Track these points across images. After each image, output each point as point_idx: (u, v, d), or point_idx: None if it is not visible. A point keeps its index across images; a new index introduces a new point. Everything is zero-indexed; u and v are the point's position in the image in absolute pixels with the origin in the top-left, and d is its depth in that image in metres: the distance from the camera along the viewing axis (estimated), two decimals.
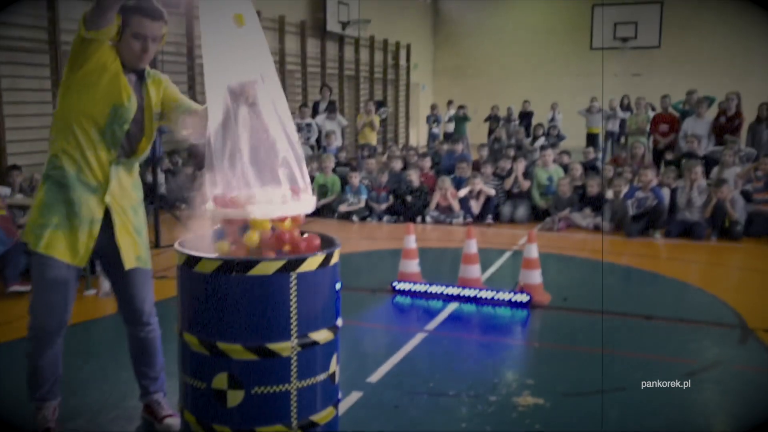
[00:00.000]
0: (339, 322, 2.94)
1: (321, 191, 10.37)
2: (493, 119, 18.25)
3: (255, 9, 2.83)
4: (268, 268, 2.66)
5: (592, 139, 16.98)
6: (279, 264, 2.67)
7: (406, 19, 22.54)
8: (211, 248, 2.88)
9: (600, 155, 12.52)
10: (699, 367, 4.43)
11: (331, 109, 13.62)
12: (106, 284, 6.02)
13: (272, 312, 2.69)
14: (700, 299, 6.16)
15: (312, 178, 10.52)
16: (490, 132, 17.75)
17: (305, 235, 3.06)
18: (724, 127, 11.46)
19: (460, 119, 17.94)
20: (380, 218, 9.97)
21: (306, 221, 3.09)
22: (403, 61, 22.07)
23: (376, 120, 14.27)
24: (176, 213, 9.00)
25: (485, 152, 12.03)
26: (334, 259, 2.86)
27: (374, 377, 4.22)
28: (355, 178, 10.14)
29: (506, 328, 5.38)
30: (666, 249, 8.21)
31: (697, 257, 7.82)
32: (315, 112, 13.95)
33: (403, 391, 4.01)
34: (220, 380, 2.71)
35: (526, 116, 18.18)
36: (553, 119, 17.54)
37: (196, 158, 11.89)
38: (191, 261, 2.74)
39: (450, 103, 19.08)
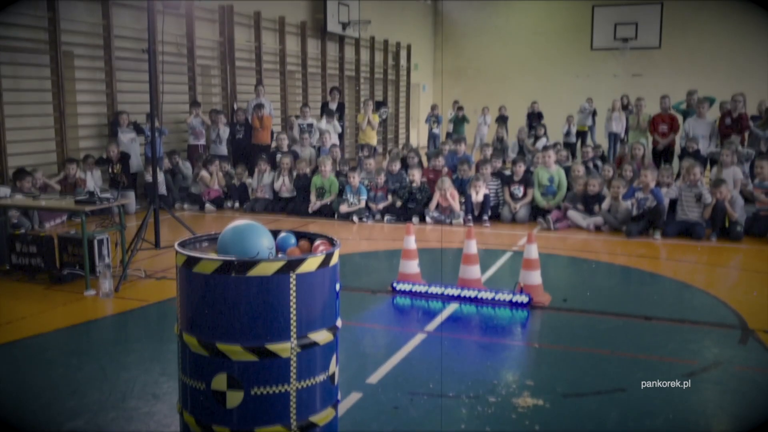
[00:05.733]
0: (338, 322, 2.94)
1: (319, 193, 10.36)
2: (499, 119, 18.22)
3: (255, 9, 2.85)
4: (267, 268, 2.66)
5: (580, 137, 17.48)
6: (278, 265, 2.67)
7: (406, 20, 22.54)
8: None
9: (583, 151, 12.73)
10: (699, 368, 4.42)
11: (329, 113, 13.65)
12: (106, 285, 6.02)
13: (272, 313, 2.69)
14: (700, 299, 6.15)
15: (310, 180, 10.54)
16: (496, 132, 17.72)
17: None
18: (731, 129, 11.46)
19: (459, 120, 17.92)
20: (375, 217, 9.96)
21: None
22: (403, 62, 22.07)
23: (375, 119, 14.26)
24: (176, 213, 9.00)
25: (488, 152, 12.02)
26: (334, 260, 2.86)
27: (374, 378, 4.22)
28: (355, 179, 10.14)
29: (506, 329, 5.38)
30: (666, 249, 8.21)
31: (697, 257, 7.82)
32: (324, 113, 13.99)
33: (402, 392, 4.01)
34: (220, 381, 2.71)
35: (534, 117, 18.10)
36: (568, 133, 17.34)
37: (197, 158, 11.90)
38: (191, 262, 2.74)
39: (455, 103, 19.09)
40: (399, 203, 10.09)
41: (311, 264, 2.74)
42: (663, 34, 21.58)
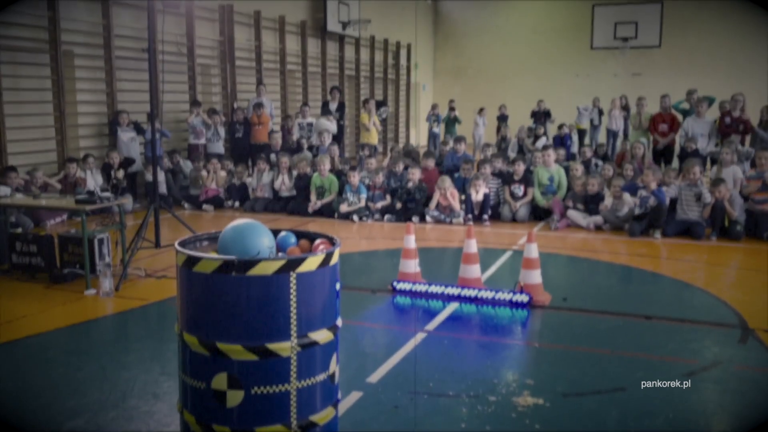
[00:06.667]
0: (339, 322, 2.94)
1: (319, 192, 10.36)
2: (501, 119, 18.17)
3: (255, 8, 2.85)
4: (267, 268, 2.66)
5: (579, 135, 17.62)
6: (279, 264, 2.67)
7: (406, 19, 22.53)
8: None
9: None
10: (699, 367, 4.43)
11: (326, 112, 13.67)
12: (106, 284, 6.03)
13: (272, 312, 2.69)
14: (700, 299, 6.15)
15: (309, 179, 10.54)
16: (499, 131, 17.68)
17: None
18: (730, 128, 11.46)
19: (451, 121, 17.95)
20: (374, 216, 9.96)
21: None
22: (403, 61, 22.07)
23: (376, 120, 14.31)
24: (176, 212, 8.99)
25: (489, 152, 12.03)
26: (334, 259, 2.86)
27: (374, 377, 4.22)
28: (355, 178, 10.14)
29: (506, 329, 5.38)
30: (666, 249, 8.21)
31: (697, 257, 7.82)
32: (325, 113, 14.05)
33: (402, 392, 4.01)
34: (220, 380, 2.71)
35: (540, 115, 18.05)
36: (569, 138, 17.30)
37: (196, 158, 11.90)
38: (191, 261, 2.74)
39: (451, 102, 19.08)
40: (399, 205, 10.07)
41: (311, 263, 2.74)
42: (663, 33, 21.59)
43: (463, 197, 9.80)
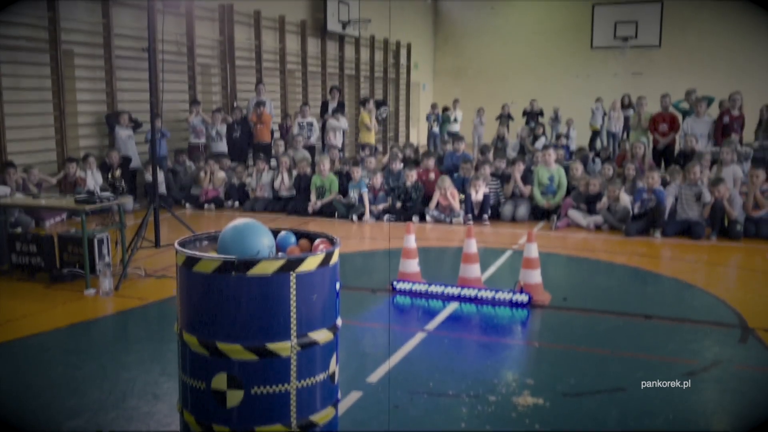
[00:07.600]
0: (339, 322, 2.94)
1: (319, 192, 10.36)
2: (504, 118, 18.15)
3: (255, 8, 2.85)
4: (267, 267, 2.66)
5: (594, 136, 17.73)
6: (278, 264, 2.67)
7: (406, 19, 22.52)
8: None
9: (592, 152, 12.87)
10: (699, 367, 4.42)
11: (325, 110, 13.71)
12: (106, 283, 6.02)
13: (272, 312, 2.69)
14: (700, 299, 6.15)
15: (309, 179, 10.53)
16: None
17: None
18: (729, 127, 11.46)
19: (445, 121, 17.96)
20: (378, 217, 9.95)
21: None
22: (403, 61, 22.06)
23: (375, 120, 14.33)
24: (177, 212, 8.99)
25: (489, 153, 12.02)
26: (334, 259, 2.85)
27: (374, 377, 4.22)
28: (357, 173, 10.14)
29: (506, 328, 5.38)
30: (666, 248, 8.21)
31: (697, 257, 7.82)
32: (324, 112, 14.09)
33: (402, 391, 4.01)
34: (220, 380, 2.71)
35: (533, 115, 18.04)
36: (567, 135, 17.32)
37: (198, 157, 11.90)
38: (191, 261, 2.74)
39: (456, 102, 19.08)
40: (399, 204, 10.07)
41: (311, 263, 2.74)
42: (663, 33, 21.57)
43: (462, 197, 9.80)
